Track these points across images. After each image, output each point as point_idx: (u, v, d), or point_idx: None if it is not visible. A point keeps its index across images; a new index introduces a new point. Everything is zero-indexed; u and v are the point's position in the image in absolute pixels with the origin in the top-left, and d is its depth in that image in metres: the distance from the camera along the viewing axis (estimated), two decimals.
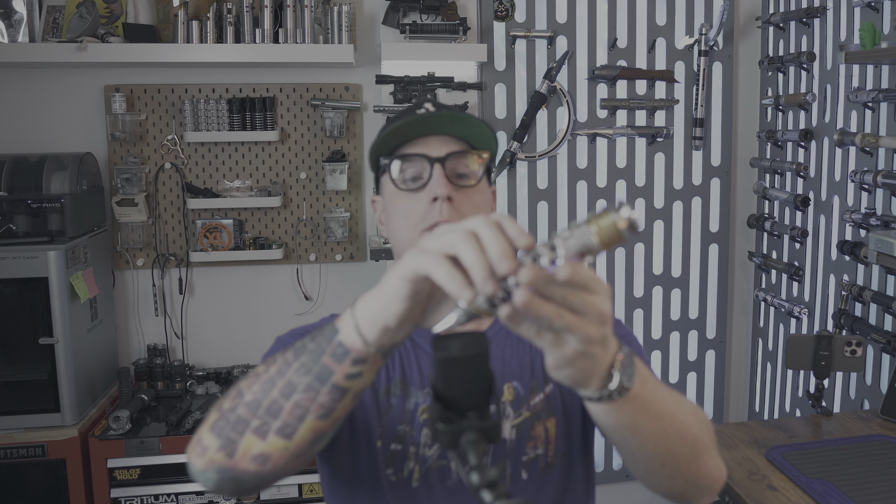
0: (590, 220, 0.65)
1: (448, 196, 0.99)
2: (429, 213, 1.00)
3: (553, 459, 1.05)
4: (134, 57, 2.40)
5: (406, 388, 1.04)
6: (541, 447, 1.05)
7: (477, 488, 0.66)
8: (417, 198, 1.01)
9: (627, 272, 2.88)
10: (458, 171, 1.03)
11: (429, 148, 1.03)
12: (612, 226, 0.64)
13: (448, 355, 0.74)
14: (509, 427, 1.05)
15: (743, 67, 2.86)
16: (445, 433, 0.72)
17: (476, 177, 1.04)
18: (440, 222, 0.99)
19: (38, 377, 2.23)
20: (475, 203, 1.03)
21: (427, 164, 1.01)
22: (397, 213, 1.04)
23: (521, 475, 1.04)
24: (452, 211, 1.00)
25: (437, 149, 1.02)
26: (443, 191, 0.99)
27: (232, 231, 2.64)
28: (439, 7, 2.54)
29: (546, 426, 1.06)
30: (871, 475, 1.55)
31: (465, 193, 1.02)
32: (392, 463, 1.03)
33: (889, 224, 2.08)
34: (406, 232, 1.03)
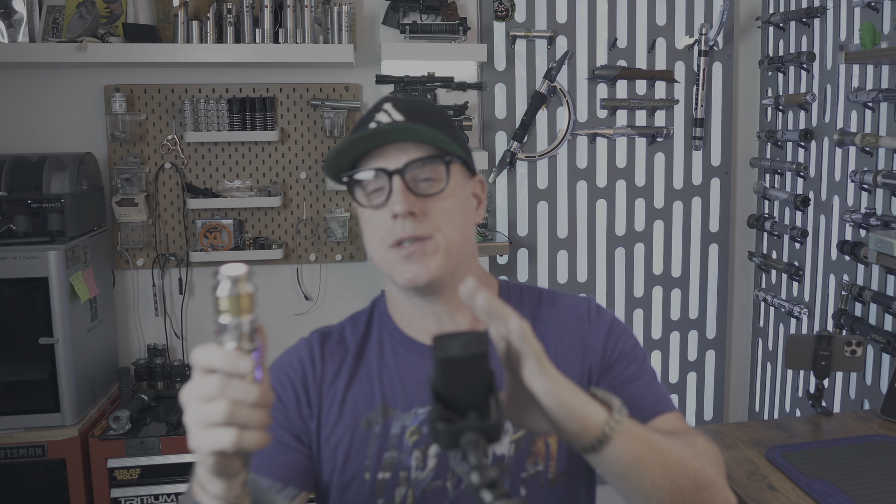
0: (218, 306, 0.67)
1: (408, 212, 0.94)
2: (392, 229, 0.96)
3: (554, 477, 1.02)
4: (134, 57, 2.40)
5: (388, 413, 1.01)
6: (541, 463, 1.01)
7: (477, 488, 0.66)
8: (382, 212, 0.97)
9: (627, 272, 2.88)
10: (422, 176, 0.96)
11: (386, 160, 0.96)
12: (227, 294, 0.66)
13: (448, 355, 0.74)
14: (508, 442, 1.01)
15: (743, 67, 2.86)
16: (445, 433, 0.72)
17: (442, 181, 0.97)
18: (403, 238, 0.95)
19: (38, 377, 2.23)
20: (444, 209, 0.97)
21: (386, 178, 0.95)
22: (366, 228, 1.01)
23: (520, 492, 1.01)
24: (417, 224, 0.95)
25: (395, 159, 0.95)
26: (400, 207, 0.94)
27: (232, 231, 2.64)
28: (439, 7, 2.54)
29: (547, 442, 1.02)
30: (871, 475, 1.55)
31: (431, 201, 0.96)
32: (382, 492, 1.00)
33: (889, 224, 2.08)
34: (375, 247, 1.00)
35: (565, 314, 1.09)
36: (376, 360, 1.05)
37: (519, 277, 2.83)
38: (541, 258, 2.83)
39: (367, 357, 1.05)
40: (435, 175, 0.97)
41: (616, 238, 2.86)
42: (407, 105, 1.00)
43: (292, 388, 1.03)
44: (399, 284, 0.99)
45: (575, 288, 2.85)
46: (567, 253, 2.84)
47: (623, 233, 2.86)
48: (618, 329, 1.09)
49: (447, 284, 1.00)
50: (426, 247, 0.96)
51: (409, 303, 1.04)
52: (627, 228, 2.86)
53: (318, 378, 1.04)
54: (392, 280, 1.01)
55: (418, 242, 0.95)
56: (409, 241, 0.95)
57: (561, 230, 2.82)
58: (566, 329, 1.08)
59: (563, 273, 2.85)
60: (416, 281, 0.96)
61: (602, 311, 1.11)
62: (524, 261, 2.83)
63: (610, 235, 2.85)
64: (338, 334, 1.08)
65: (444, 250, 0.97)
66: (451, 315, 1.04)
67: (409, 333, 1.05)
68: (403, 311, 1.06)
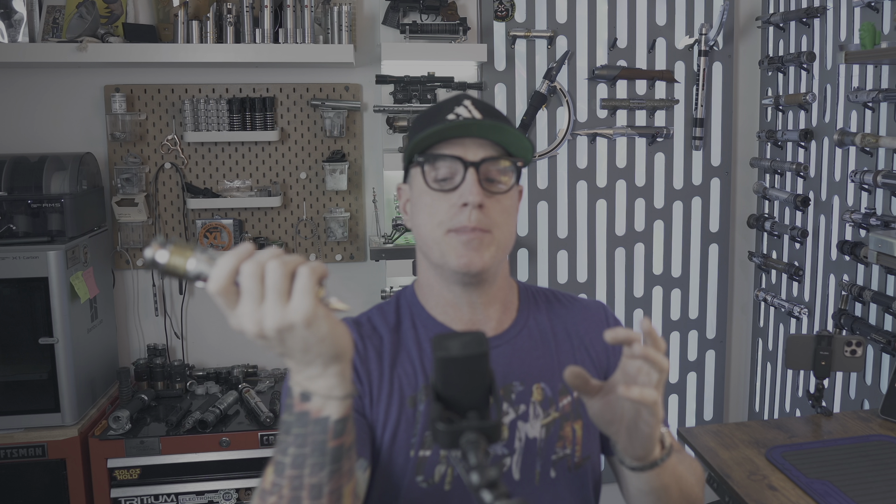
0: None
1: (480, 203, 1.00)
2: (457, 216, 1.00)
3: (580, 460, 1.08)
4: (134, 57, 2.40)
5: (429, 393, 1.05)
6: (569, 447, 1.08)
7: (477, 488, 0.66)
8: (447, 198, 1.01)
9: (627, 272, 2.88)
10: (490, 175, 1.02)
11: (465, 150, 1.01)
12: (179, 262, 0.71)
13: (448, 355, 0.74)
14: (539, 426, 1.07)
15: (743, 67, 2.86)
16: (445, 433, 0.72)
17: (508, 183, 1.04)
18: (467, 227, 1.00)
19: (38, 377, 2.23)
20: (504, 208, 1.03)
21: (461, 167, 1.01)
22: (424, 209, 1.04)
23: (550, 473, 1.06)
24: (482, 216, 1.00)
25: (473, 152, 1.01)
26: (475, 198, 0.99)
27: (232, 231, 2.64)
28: (439, 7, 2.54)
29: (574, 427, 1.09)
30: (871, 475, 1.55)
31: (495, 199, 1.02)
32: (422, 469, 1.03)
33: (889, 224, 2.08)
34: (431, 229, 1.03)
35: (582, 315, 1.17)
36: (414, 344, 1.08)
37: (519, 277, 2.83)
38: (541, 258, 2.83)
39: (405, 342, 1.09)
40: (503, 176, 1.03)
41: (616, 238, 2.86)
42: (483, 106, 1.07)
43: None
44: (451, 267, 1.03)
45: (575, 288, 2.85)
46: (567, 253, 2.84)
47: (623, 233, 2.86)
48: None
49: (489, 277, 1.06)
50: (484, 238, 1.01)
51: (446, 290, 1.08)
52: (627, 228, 2.86)
53: (363, 358, 1.06)
54: (443, 263, 1.04)
55: (479, 231, 1.00)
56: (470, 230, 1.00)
57: (561, 230, 2.82)
58: (584, 330, 1.15)
59: (563, 273, 2.85)
60: (470, 267, 1.01)
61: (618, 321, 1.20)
62: (524, 261, 2.83)
63: (610, 235, 2.85)
64: (367, 322, 1.11)
65: (497, 245, 1.03)
66: (484, 307, 1.09)
67: (442, 320, 1.09)
68: (439, 297, 1.09)
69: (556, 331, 1.13)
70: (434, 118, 1.04)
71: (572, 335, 1.14)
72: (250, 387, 2.50)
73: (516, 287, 1.17)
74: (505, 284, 1.12)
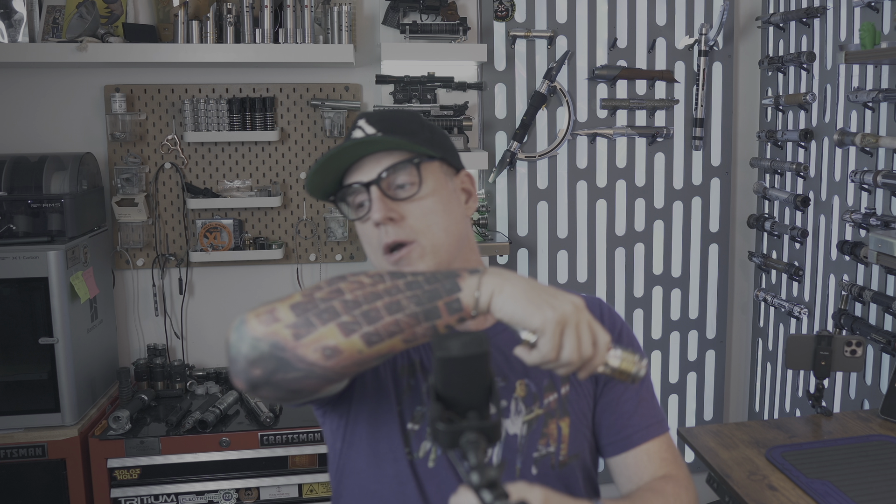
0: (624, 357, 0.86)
1: (387, 218, 1.00)
2: (379, 237, 1.02)
3: (566, 458, 1.07)
4: (134, 57, 2.40)
5: (425, 372, 1.07)
6: (553, 445, 1.06)
7: (477, 488, 0.66)
8: (369, 223, 1.03)
9: (627, 272, 2.88)
10: (397, 182, 1.02)
11: (362, 173, 1.02)
12: (629, 369, 0.86)
13: (448, 355, 0.74)
14: (521, 423, 1.06)
15: (743, 67, 2.86)
16: (445, 433, 0.72)
17: (417, 184, 1.02)
18: (388, 244, 1.01)
19: (38, 377, 2.23)
20: (424, 210, 1.02)
21: (365, 190, 1.02)
22: (363, 241, 1.07)
23: (531, 471, 1.05)
24: (398, 230, 1.01)
25: (368, 171, 1.02)
26: (377, 215, 1.00)
27: (232, 231, 2.64)
28: (439, 7, 2.54)
29: (559, 425, 1.07)
30: (871, 475, 1.55)
31: (409, 205, 1.02)
32: (408, 442, 1.04)
33: (889, 224, 2.08)
34: (375, 258, 1.05)
35: None
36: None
37: None
38: (541, 258, 2.83)
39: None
40: (410, 179, 1.02)
41: (616, 238, 2.86)
42: (379, 118, 1.06)
43: None
44: None
45: (575, 288, 2.85)
46: (567, 253, 2.84)
47: (623, 233, 2.86)
48: (626, 337, 1.15)
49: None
50: (411, 252, 1.01)
51: None
52: (627, 228, 2.86)
53: None
54: None
55: (404, 248, 1.01)
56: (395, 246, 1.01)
57: (561, 230, 2.82)
58: None
59: (563, 273, 2.85)
60: None
61: (614, 314, 1.18)
62: (524, 261, 2.83)
63: (610, 235, 2.85)
64: None
65: (430, 252, 1.02)
66: None
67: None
68: None
69: None
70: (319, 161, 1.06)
71: None
72: None
73: None
74: None
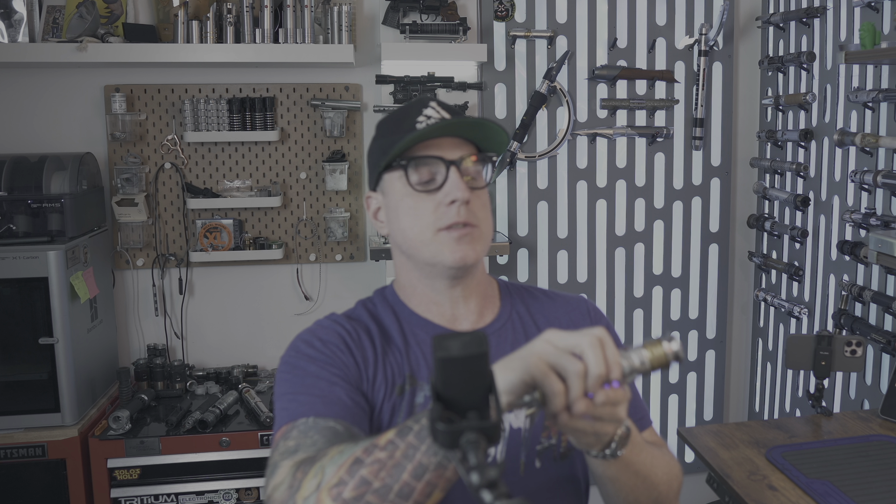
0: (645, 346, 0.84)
1: (467, 199, 1.03)
2: (445, 214, 1.03)
3: (566, 451, 1.09)
4: (134, 57, 2.40)
5: (414, 382, 1.07)
6: (554, 437, 1.08)
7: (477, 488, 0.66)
8: (432, 198, 1.04)
9: (627, 272, 2.88)
10: (469, 173, 1.06)
11: (443, 150, 1.05)
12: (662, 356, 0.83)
13: (448, 355, 0.74)
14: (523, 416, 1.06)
15: (743, 67, 2.86)
16: (445, 433, 0.72)
17: (484, 179, 1.08)
18: (457, 223, 1.03)
19: (38, 377, 2.23)
20: (483, 203, 1.07)
21: (442, 167, 1.04)
22: (408, 212, 1.06)
23: (535, 463, 1.07)
24: (469, 212, 1.04)
25: (450, 151, 1.05)
26: (462, 194, 1.02)
27: (232, 231, 2.64)
28: (439, 7, 2.54)
29: None
30: (871, 475, 1.55)
31: (475, 195, 1.05)
32: None
33: (889, 224, 2.08)
34: (419, 231, 1.05)
35: (565, 309, 1.20)
36: (400, 339, 1.11)
37: (519, 277, 2.83)
38: (541, 258, 2.83)
39: (392, 335, 1.11)
40: (479, 172, 1.07)
41: (616, 238, 2.86)
42: (448, 107, 1.10)
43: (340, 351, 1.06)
44: (446, 264, 1.06)
45: (575, 288, 2.85)
46: (567, 253, 2.84)
47: (623, 233, 2.86)
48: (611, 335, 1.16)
49: (473, 271, 1.11)
50: (474, 232, 1.06)
51: (430, 288, 1.11)
52: (627, 228, 2.86)
53: (358, 345, 1.08)
54: (436, 261, 1.06)
55: (469, 227, 1.05)
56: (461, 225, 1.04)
57: (561, 230, 2.82)
58: (567, 323, 1.17)
59: (563, 273, 2.85)
60: (465, 260, 1.05)
61: (599, 313, 1.22)
62: (524, 261, 2.83)
63: (610, 235, 2.85)
64: (357, 316, 1.14)
65: (484, 239, 1.07)
66: (465, 300, 1.12)
67: (424, 315, 1.12)
68: (422, 296, 1.12)
69: (540, 324, 1.16)
70: (402, 123, 1.07)
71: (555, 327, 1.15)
72: (250, 387, 2.50)
73: (495, 283, 1.20)
74: (483, 279, 1.16)
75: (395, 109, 1.13)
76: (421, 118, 1.06)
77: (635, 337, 2.92)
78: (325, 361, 1.04)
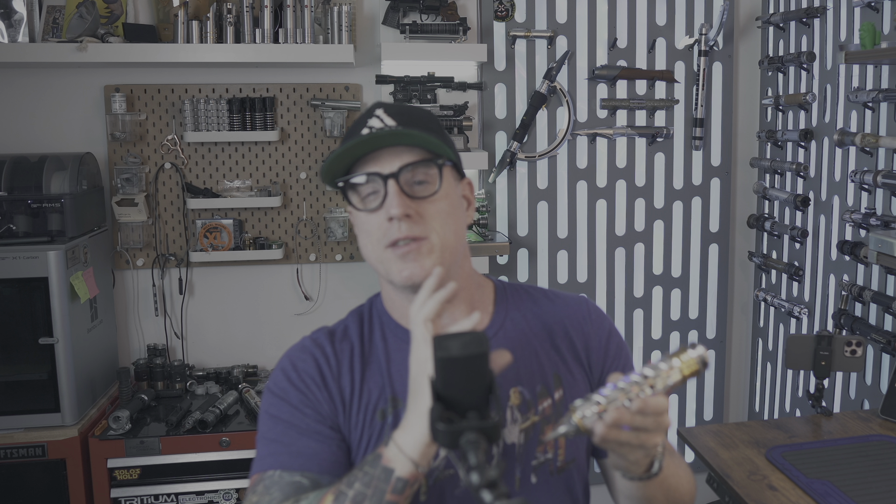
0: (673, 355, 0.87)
1: (404, 214, 0.98)
2: (388, 231, 0.99)
3: (563, 464, 1.07)
4: (134, 57, 2.40)
5: (398, 404, 1.03)
6: (550, 451, 1.06)
7: (477, 488, 0.66)
8: (377, 215, 1.00)
9: (627, 272, 2.88)
10: (415, 179, 1.00)
11: (380, 164, 1.00)
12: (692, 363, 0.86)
13: (448, 355, 0.74)
14: (517, 431, 1.04)
15: (743, 67, 2.86)
16: (445, 433, 0.72)
17: (435, 184, 1.01)
18: (399, 239, 0.98)
19: (38, 377, 2.23)
20: (438, 211, 1.01)
21: (381, 182, 0.99)
22: (361, 231, 1.04)
23: (531, 479, 1.04)
24: (412, 226, 0.98)
25: (388, 164, 0.99)
26: (397, 210, 0.97)
27: (232, 231, 2.64)
28: (439, 7, 2.54)
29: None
30: (871, 475, 1.55)
31: (426, 203, 1.00)
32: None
33: (889, 224, 2.08)
34: (371, 249, 1.02)
35: (565, 311, 1.14)
36: (383, 354, 1.07)
37: (519, 277, 2.83)
38: (541, 258, 2.83)
39: (375, 352, 1.08)
40: (428, 178, 1.01)
41: (616, 238, 2.86)
42: (398, 111, 1.04)
43: (316, 385, 1.04)
44: (396, 283, 1.02)
45: (575, 288, 2.85)
46: (567, 253, 2.84)
47: (623, 233, 2.86)
48: (616, 337, 1.15)
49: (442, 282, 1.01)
50: (421, 246, 0.99)
51: (405, 300, 1.06)
52: (627, 228, 2.86)
53: (335, 374, 1.06)
54: (388, 279, 1.03)
55: (413, 242, 0.99)
56: (404, 241, 0.99)
57: (561, 230, 2.82)
58: (568, 325, 1.13)
59: (563, 273, 2.85)
60: (413, 279, 0.99)
61: (601, 313, 1.17)
62: (524, 261, 2.83)
63: (610, 235, 2.85)
64: (342, 332, 1.11)
65: (438, 250, 1.00)
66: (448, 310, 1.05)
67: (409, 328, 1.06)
68: (402, 308, 1.08)
69: (536, 330, 1.11)
70: (349, 138, 1.02)
71: (553, 333, 1.12)
72: (250, 387, 2.50)
73: (491, 286, 1.15)
74: (469, 284, 1.10)
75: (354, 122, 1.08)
76: (365, 130, 1.00)
77: (635, 337, 2.92)
78: (300, 401, 1.03)
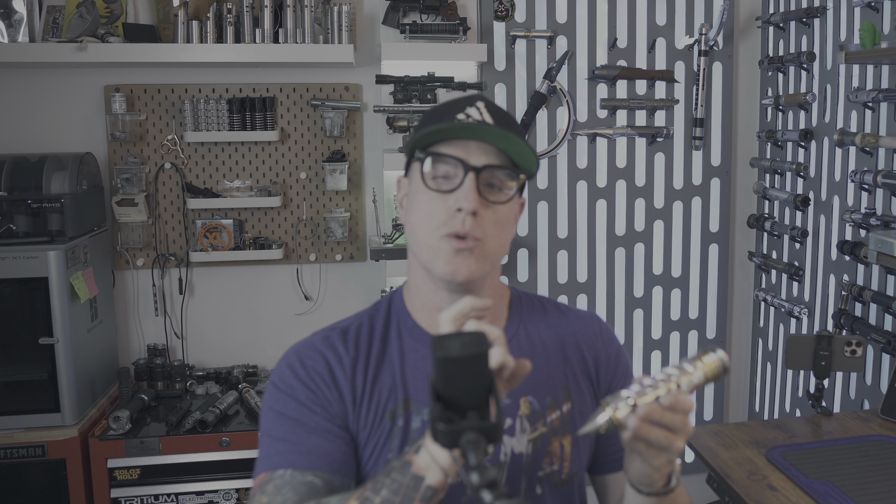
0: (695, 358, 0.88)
1: (475, 210, 0.96)
2: (450, 221, 0.97)
3: (567, 476, 1.06)
4: (134, 57, 2.40)
5: (409, 407, 1.02)
6: (556, 463, 1.05)
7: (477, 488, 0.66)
8: (443, 199, 0.98)
9: (627, 272, 2.88)
10: (490, 182, 0.99)
11: (468, 153, 0.98)
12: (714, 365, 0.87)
13: (448, 355, 0.74)
14: (526, 441, 1.04)
15: (743, 67, 2.86)
16: (445, 433, 0.72)
17: (508, 194, 1.00)
18: (460, 233, 0.96)
19: (38, 377, 2.23)
20: (499, 219, 1.00)
21: (461, 170, 0.97)
22: (420, 208, 1.00)
23: (536, 490, 1.04)
24: (475, 225, 0.97)
25: (476, 156, 0.98)
26: (469, 204, 0.96)
27: (232, 231, 2.64)
28: (439, 7, 2.54)
29: (562, 443, 1.06)
30: (871, 475, 1.55)
31: (491, 209, 0.99)
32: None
33: (889, 224, 2.08)
34: (424, 232, 1.00)
35: (577, 325, 1.14)
36: (397, 355, 1.05)
37: (519, 277, 2.83)
38: (541, 258, 2.83)
39: (389, 352, 1.06)
40: (502, 185, 1.00)
41: (616, 238, 2.86)
42: (496, 110, 1.02)
43: (325, 385, 1.02)
44: (436, 273, 1.00)
45: (575, 288, 2.85)
46: (567, 253, 2.84)
47: (623, 233, 2.86)
48: (624, 357, 1.16)
49: (475, 287, 1.03)
50: (476, 248, 0.98)
51: (434, 294, 1.05)
52: (627, 228, 2.86)
53: (348, 375, 1.03)
54: (429, 267, 1.01)
55: (470, 241, 0.97)
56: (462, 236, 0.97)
57: (561, 230, 2.82)
58: (579, 339, 1.12)
59: (563, 273, 2.84)
60: (456, 275, 0.98)
61: (611, 332, 1.17)
62: (524, 261, 2.83)
63: (610, 235, 2.85)
64: (356, 330, 1.08)
65: (487, 256, 1.00)
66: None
67: (427, 327, 1.06)
68: (426, 301, 1.06)
69: (548, 342, 1.10)
70: (443, 115, 1.00)
71: (565, 345, 1.11)
72: (250, 387, 2.50)
73: (508, 295, 1.14)
74: (494, 294, 1.09)
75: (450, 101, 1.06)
76: (461, 115, 0.99)
77: (635, 337, 2.92)
78: (308, 399, 1.00)
